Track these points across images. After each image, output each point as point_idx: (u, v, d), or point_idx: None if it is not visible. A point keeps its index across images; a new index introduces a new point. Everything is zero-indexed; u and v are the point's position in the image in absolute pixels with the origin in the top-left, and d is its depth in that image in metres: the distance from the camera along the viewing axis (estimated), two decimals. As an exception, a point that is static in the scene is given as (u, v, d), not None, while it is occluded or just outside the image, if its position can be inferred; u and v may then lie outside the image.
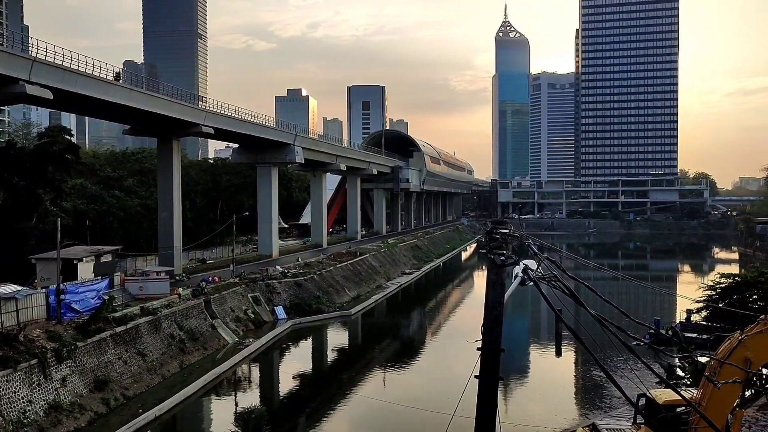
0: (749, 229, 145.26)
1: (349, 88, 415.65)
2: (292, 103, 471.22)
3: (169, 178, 66.64)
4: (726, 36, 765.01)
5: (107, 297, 43.12)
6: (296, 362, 52.30)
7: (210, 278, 61.05)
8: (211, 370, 43.04)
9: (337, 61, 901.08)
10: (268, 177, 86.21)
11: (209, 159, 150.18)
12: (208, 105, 72.13)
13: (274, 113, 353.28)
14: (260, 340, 52.77)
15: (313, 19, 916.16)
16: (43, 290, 40.03)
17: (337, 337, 61.21)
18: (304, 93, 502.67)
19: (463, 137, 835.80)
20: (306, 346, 58.30)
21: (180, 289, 52.47)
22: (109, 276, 50.03)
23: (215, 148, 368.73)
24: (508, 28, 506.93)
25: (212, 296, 54.07)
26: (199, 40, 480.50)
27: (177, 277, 61.18)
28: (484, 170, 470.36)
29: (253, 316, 58.72)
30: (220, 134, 76.27)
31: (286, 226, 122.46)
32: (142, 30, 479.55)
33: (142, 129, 67.01)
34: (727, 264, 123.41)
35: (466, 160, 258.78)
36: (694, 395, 19.61)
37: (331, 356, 55.07)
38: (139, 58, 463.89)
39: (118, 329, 39.93)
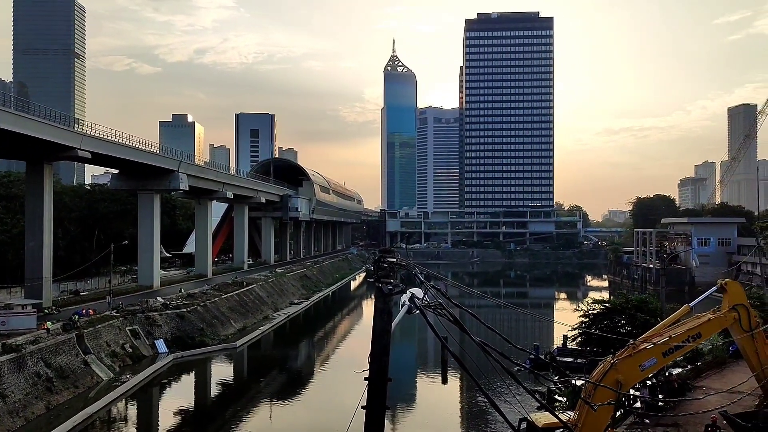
0: (617, 258, 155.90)
1: (237, 116, 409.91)
2: (178, 129, 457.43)
3: (38, 205, 62.13)
4: (596, 80, 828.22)
5: (-37, 334, 39.28)
6: (177, 398, 49.80)
7: (83, 311, 57.22)
8: (81, 411, 40.08)
9: (225, 88, 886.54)
10: (150, 205, 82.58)
11: (86, 185, 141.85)
12: (85, 128, 68.35)
13: (158, 139, 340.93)
14: (138, 375, 49.89)
15: (201, 45, 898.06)
16: None
17: (222, 371, 59.04)
18: (190, 119, 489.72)
19: (352, 167, 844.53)
20: (188, 381, 55.74)
21: (48, 324, 48.79)
22: (-34, 310, 45.68)
23: (93, 173, 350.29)
24: (396, 62, 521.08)
25: (85, 330, 50.62)
26: (76, 59, 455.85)
27: (46, 311, 56.93)
28: (373, 200, 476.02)
29: (131, 350, 55.51)
30: (99, 159, 72.36)
31: (169, 255, 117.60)
32: (12, 47, 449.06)
33: (10, 152, 62.24)
34: (598, 291, 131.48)
35: (355, 190, 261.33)
36: (571, 417, 20.50)
37: (215, 391, 52.94)
38: (9, 77, 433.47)
39: (-25, 369, 36.40)
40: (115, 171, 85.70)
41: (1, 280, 63.78)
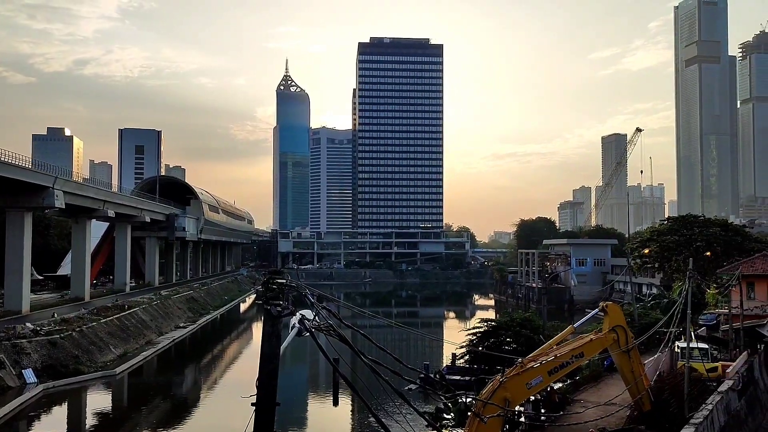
0: (503, 278, 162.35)
1: (120, 131, 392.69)
2: (54, 143, 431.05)
3: None
4: (482, 106, 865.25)
5: None
6: (47, 431, 46.15)
7: (-61, 340, 51.98)
8: (-67, 451, 36.16)
9: (108, 102, 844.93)
10: (20, 223, 76.61)
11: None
12: (-54, 139, 62.71)
13: (31, 153, 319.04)
14: (2, 409, 45.70)
15: (81, 56, 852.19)
16: None
17: (99, 401, 55.36)
18: (68, 133, 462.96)
19: (243, 186, 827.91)
20: (61, 412, 51.81)
21: None
22: None
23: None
24: (289, 82, 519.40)
25: (-59, 361, 45.95)
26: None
27: None
28: (264, 220, 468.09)
29: (-6, 382, 50.87)
30: (-39, 173, 66.49)
31: (41, 278, 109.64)
32: None
33: None
34: (485, 310, 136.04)
35: (246, 210, 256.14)
36: (460, 435, 20.79)
37: (90, 422, 49.49)
38: None
39: None
40: (-19, 186, 79.04)
41: None
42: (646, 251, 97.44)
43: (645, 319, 54.49)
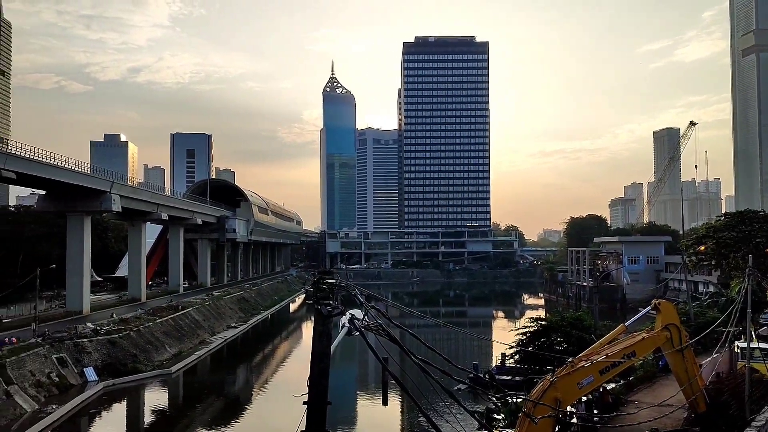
0: (552, 276, 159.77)
1: (172, 136, 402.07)
2: (110, 148, 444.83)
3: (-42, 227, 59.05)
4: (529, 102, 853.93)
5: None
6: (108, 428, 47.78)
7: (6, 339, 54.39)
8: (3, 445, 37.88)
9: (160, 108, 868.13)
10: (80, 227, 79.50)
11: (10, 207, 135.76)
12: (9, 147, 65.47)
13: (89, 159, 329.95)
14: (65, 406, 47.54)
15: (135, 64, 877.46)
16: None
17: (156, 398, 56.99)
18: (123, 138, 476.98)
19: (291, 188, 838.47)
20: (120, 409, 53.52)
21: (-33, 353, 46.10)
22: None
23: (18, 194, 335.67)
24: (335, 83, 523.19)
25: (8, 359, 48.02)
26: (0, 76, 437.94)
27: (-36, 340, 53.83)
28: (312, 221, 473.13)
29: (57, 379, 52.91)
30: (24, 180, 69.40)
31: (100, 279, 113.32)
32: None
33: (-74, 171, 59.06)
34: (535, 309, 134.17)
35: (294, 211, 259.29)
36: (510, 435, 20.66)
37: (148, 419, 51.01)
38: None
39: None
40: (42, 192, 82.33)
41: None
42: (702, 248, 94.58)
43: (701, 318, 52.93)
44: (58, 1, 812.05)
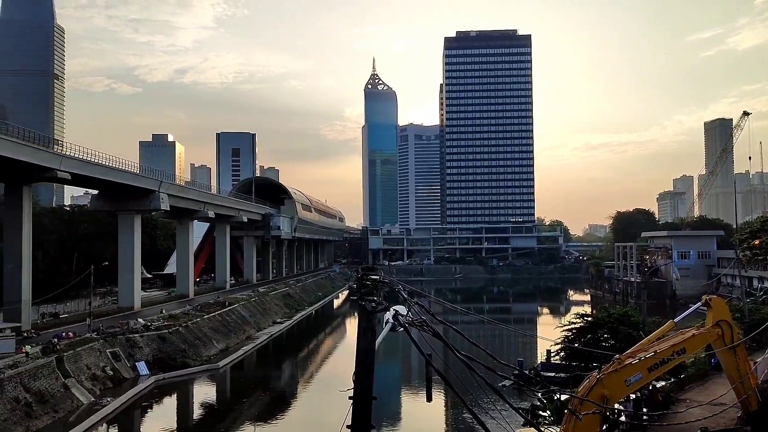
0: (599, 272, 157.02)
1: (218, 135, 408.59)
2: (158, 148, 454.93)
3: (17, 228, 61.38)
4: (572, 96, 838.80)
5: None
6: (159, 421, 49.11)
7: (63, 334, 56.45)
8: (61, 436, 39.35)
9: (206, 108, 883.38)
10: (130, 225, 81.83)
11: (65, 206, 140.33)
12: (64, 149, 67.77)
13: (138, 159, 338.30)
14: (119, 398, 49.14)
15: (181, 65, 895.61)
16: None
17: (205, 392, 58.34)
18: (170, 138, 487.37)
19: (334, 186, 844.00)
20: (170, 403, 54.98)
21: (28, 347, 48.03)
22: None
23: (72, 195, 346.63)
24: (376, 80, 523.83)
25: (65, 353, 49.84)
26: (55, 80, 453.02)
27: (24, 334, 56.08)
28: (355, 218, 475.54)
29: (111, 373, 54.69)
30: (78, 180, 71.72)
31: (150, 276, 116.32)
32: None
33: (-13, 173, 61.54)
34: (581, 305, 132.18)
35: (337, 208, 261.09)
36: (556, 432, 20.49)
37: (197, 412, 52.27)
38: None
39: (-49, 395, 35.58)
40: (95, 192, 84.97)
41: (-23, 303, 62.53)
42: (757, 242, 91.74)
43: (756, 315, 51.34)
44: (108, 6, 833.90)
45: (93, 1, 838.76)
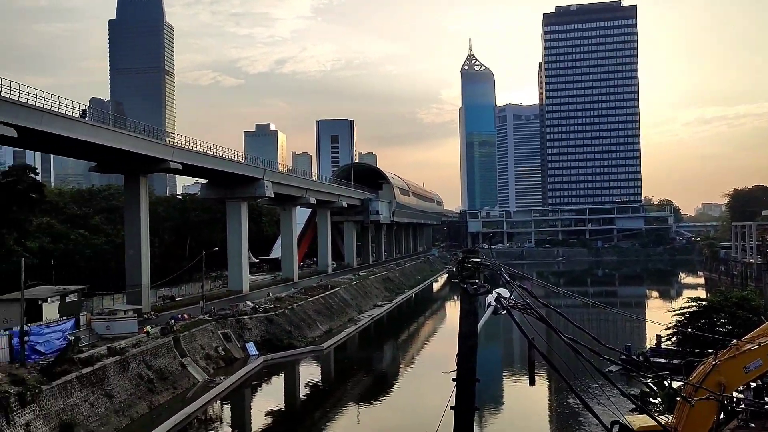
0: (713, 254, 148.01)
1: (317, 123, 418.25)
2: (261, 138, 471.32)
3: (136, 216, 65.75)
4: (682, 67, 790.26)
5: (73, 338, 42.03)
6: (268, 399, 51.37)
7: (179, 316, 60.01)
8: (180, 410, 42.00)
9: (305, 96, 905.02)
10: (237, 212, 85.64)
11: (178, 195, 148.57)
12: (176, 141, 71.72)
13: (243, 148, 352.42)
14: (231, 377, 51.79)
15: (281, 56, 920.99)
16: (6, 332, 38.85)
17: (310, 373, 60.38)
18: (273, 128, 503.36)
19: (431, 169, 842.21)
20: (278, 382, 57.35)
21: (148, 328, 51.42)
22: (75, 316, 48.88)
23: (184, 184, 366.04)
24: (473, 61, 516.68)
25: (181, 334, 53.04)
26: (166, 76, 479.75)
27: (145, 316, 60.11)
28: (453, 201, 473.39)
29: (223, 353, 57.68)
30: (189, 170, 75.72)
31: (257, 260, 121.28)
32: (108, 68, 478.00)
33: (109, 166, 66.19)
34: (693, 289, 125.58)
35: (434, 192, 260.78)
36: (669, 420, 19.72)
37: (303, 392, 54.23)
38: (106, 96, 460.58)
39: (84, 371, 38.80)
40: (204, 181, 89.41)
41: (104, 286, 67.66)
42: None
43: None
44: (212, 2, 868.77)
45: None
